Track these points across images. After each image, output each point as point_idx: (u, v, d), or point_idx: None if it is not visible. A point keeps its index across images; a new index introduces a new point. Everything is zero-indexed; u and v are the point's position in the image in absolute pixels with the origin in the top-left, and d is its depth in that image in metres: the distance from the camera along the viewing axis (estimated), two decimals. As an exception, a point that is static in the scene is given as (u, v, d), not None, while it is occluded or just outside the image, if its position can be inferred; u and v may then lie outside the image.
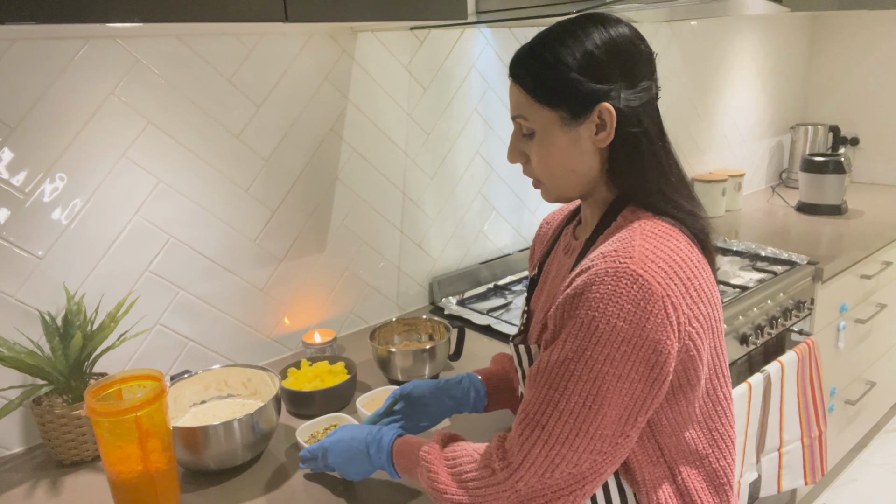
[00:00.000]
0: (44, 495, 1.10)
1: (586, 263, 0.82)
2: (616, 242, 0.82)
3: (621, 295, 0.76)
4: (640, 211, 0.88)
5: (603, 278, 0.78)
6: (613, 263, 0.78)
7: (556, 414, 0.79)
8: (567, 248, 1.00)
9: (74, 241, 1.24)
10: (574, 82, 0.84)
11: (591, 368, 0.77)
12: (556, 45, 0.85)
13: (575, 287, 0.80)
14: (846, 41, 2.94)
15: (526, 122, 0.88)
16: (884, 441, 2.60)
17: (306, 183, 1.53)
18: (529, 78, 0.86)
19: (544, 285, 1.03)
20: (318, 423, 1.20)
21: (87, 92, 1.21)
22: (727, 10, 1.79)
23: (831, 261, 1.97)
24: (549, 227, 1.14)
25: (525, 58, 0.87)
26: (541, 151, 0.88)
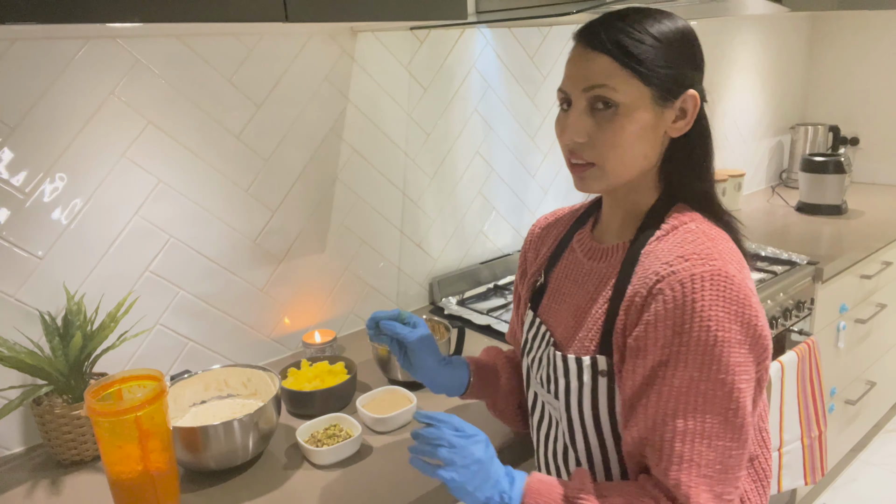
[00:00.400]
0: (44, 495, 1.10)
1: (661, 269, 0.78)
2: (688, 244, 0.80)
3: (726, 297, 0.75)
4: (690, 211, 0.87)
5: (701, 284, 0.75)
6: (702, 266, 0.76)
7: (704, 442, 0.75)
8: (592, 253, 0.94)
9: (74, 241, 1.24)
10: (672, 61, 0.81)
11: (722, 382, 0.75)
12: (652, 21, 0.81)
13: (668, 297, 0.76)
14: (846, 41, 2.94)
15: (612, 93, 0.80)
16: (884, 441, 2.60)
17: (306, 183, 1.53)
18: (624, 47, 0.80)
19: (557, 293, 0.97)
20: (318, 423, 1.20)
21: (87, 92, 1.21)
22: (727, 10, 1.79)
23: (831, 261, 1.97)
24: (545, 232, 1.08)
25: (618, 27, 0.81)
26: (619, 127, 0.81)
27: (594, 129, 0.82)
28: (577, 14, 1.36)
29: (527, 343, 1.00)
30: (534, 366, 0.97)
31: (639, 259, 0.84)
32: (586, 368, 0.86)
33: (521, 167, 1.99)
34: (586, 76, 0.82)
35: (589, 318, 0.88)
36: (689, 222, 0.85)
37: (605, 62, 0.80)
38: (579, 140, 0.83)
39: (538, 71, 1.96)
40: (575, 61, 0.84)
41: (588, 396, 0.86)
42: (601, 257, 0.92)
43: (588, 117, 0.83)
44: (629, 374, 0.80)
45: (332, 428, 1.19)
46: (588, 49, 0.82)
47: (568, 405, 0.88)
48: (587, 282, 0.92)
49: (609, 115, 0.81)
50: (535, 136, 2.01)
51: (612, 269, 0.89)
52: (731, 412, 0.75)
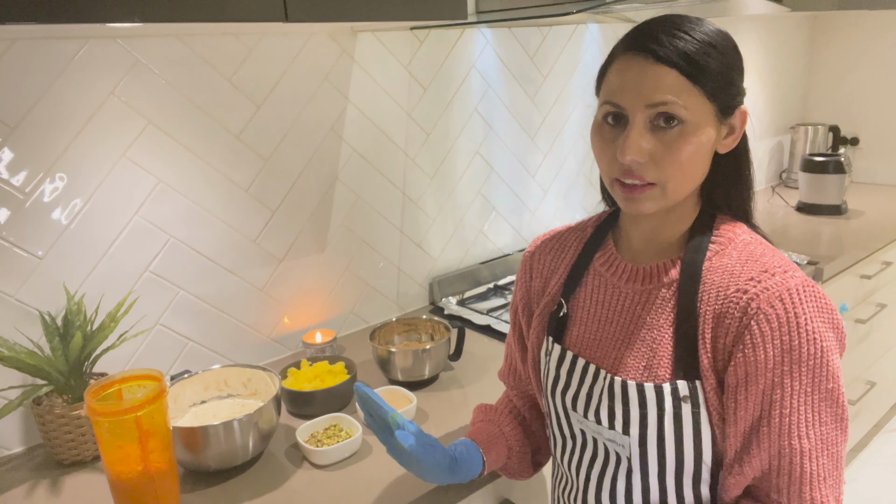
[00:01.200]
0: (44, 495, 1.10)
1: (747, 285, 0.77)
2: (761, 258, 0.80)
3: (819, 307, 0.76)
4: (734, 222, 0.86)
5: (799, 297, 0.75)
6: (792, 279, 0.76)
7: (825, 453, 0.76)
8: (629, 274, 0.88)
9: (74, 241, 1.24)
10: (732, 74, 0.79)
11: (832, 392, 0.75)
12: (705, 29, 0.77)
13: (770, 315, 0.75)
14: (846, 41, 2.94)
15: (682, 111, 0.75)
16: (884, 441, 2.60)
17: (306, 183, 1.53)
18: (694, 60, 0.75)
19: (589, 322, 0.91)
20: (318, 423, 1.20)
21: (87, 92, 1.21)
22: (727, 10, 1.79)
23: (831, 261, 1.97)
24: (548, 256, 1.00)
25: (680, 36, 0.76)
26: (686, 144, 0.76)
27: (657, 147, 0.77)
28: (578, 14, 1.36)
29: (558, 380, 0.92)
30: (578, 403, 0.89)
31: (701, 276, 0.81)
32: (667, 395, 0.80)
33: (521, 167, 1.99)
34: (651, 91, 0.75)
35: (650, 344, 0.83)
36: (741, 234, 0.84)
37: (674, 77, 0.75)
38: (641, 160, 0.77)
39: (538, 71, 1.96)
40: (634, 73, 0.77)
41: (671, 425, 0.80)
42: (643, 279, 0.86)
43: (649, 134, 0.77)
44: (742, 402, 0.77)
45: (332, 428, 1.19)
46: (651, 61, 0.75)
47: (644, 437, 0.82)
48: (630, 306, 0.87)
49: (675, 134, 0.76)
50: (535, 136, 2.01)
51: (663, 289, 0.84)
52: (840, 416, 0.76)
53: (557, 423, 0.94)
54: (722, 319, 0.78)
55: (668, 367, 0.81)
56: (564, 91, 2.05)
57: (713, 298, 0.79)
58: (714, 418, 0.79)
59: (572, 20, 1.96)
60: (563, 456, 0.95)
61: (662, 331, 0.83)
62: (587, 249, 0.95)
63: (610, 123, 0.80)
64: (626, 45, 0.79)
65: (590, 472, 0.91)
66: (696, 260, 0.82)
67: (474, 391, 1.36)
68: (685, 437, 0.80)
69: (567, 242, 0.99)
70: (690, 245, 0.84)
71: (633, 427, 0.82)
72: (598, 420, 0.86)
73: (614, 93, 0.78)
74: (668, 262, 0.85)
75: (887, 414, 2.72)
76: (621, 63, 0.79)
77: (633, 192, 0.79)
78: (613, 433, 0.85)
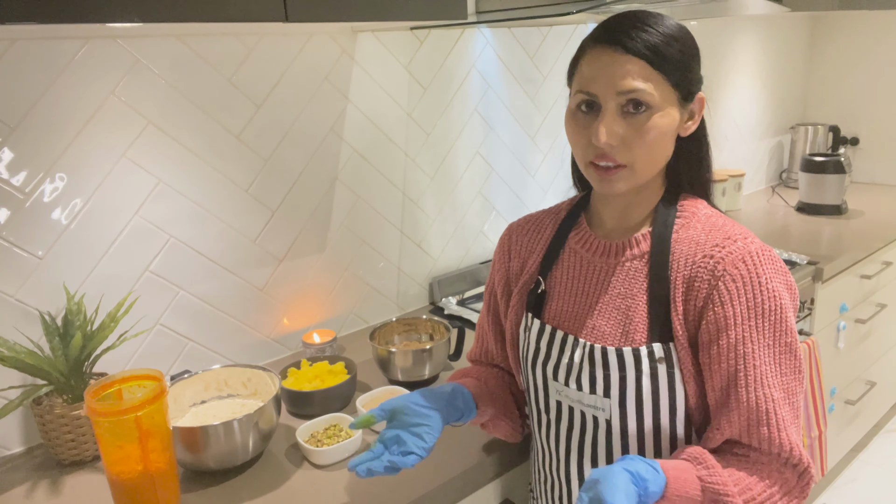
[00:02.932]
0: (44, 495, 1.10)
1: (712, 251, 0.85)
2: (723, 227, 0.88)
3: (776, 269, 0.85)
4: (695, 199, 0.94)
5: (760, 259, 0.84)
6: (752, 244, 0.85)
7: (789, 401, 0.83)
8: (603, 250, 0.94)
9: (74, 241, 1.24)
10: (692, 64, 0.87)
11: (790, 345, 0.83)
12: (667, 23, 0.85)
13: (735, 276, 0.83)
14: (846, 41, 2.94)
15: (649, 97, 0.82)
16: (884, 441, 2.60)
17: (306, 183, 1.53)
18: (658, 51, 0.82)
19: (566, 296, 0.97)
20: (318, 423, 1.20)
21: (87, 92, 1.21)
22: (727, 10, 1.79)
23: (831, 261, 1.97)
24: (525, 238, 1.05)
25: (646, 29, 0.83)
26: (653, 128, 0.84)
27: (627, 131, 0.84)
28: (578, 14, 1.36)
29: (538, 352, 0.97)
30: (560, 372, 0.94)
31: (670, 246, 0.89)
32: (644, 358, 0.87)
33: (521, 167, 1.99)
34: (621, 81, 0.82)
35: (625, 311, 0.90)
36: (703, 209, 0.93)
37: (640, 65, 0.82)
38: (615, 143, 0.84)
39: (538, 71, 1.96)
40: (605, 64, 0.83)
41: (648, 384, 0.87)
42: (616, 252, 0.93)
43: (620, 119, 0.84)
44: (714, 356, 0.84)
45: (332, 428, 1.19)
46: (620, 52, 0.82)
47: (623, 399, 0.88)
48: (605, 278, 0.94)
49: (643, 118, 0.83)
50: (535, 136, 2.01)
51: (635, 260, 0.92)
52: (798, 368, 0.84)
53: (535, 396, 1.00)
54: (692, 283, 0.86)
55: (643, 332, 0.88)
56: (564, 91, 2.04)
57: (682, 265, 0.88)
58: (686, 377, 0.87)
59: (572, 20, 1.96)
60: (541, 429, 1.00)
61: (637, 299, 0.90)
62: (562, 230, 1.01)
63: (583, 111, 0.87)
64: (597, 39, 0.85)
65: (569, 441, 0.96)
66: (665, 233, 0.90)
67: (474, 391, 1.35)
68: (661, 396, 0.88)
69: (543, 224, 1.05)
70: (658, 220, 0.92)
71: (613, 389, 0.89)
72: (578, 386, 0.92)
73: (588, 82, 0.85)
74: (638, 237, 0.93)
75: (887, 414, 2.72)
76: (593, 55, 0.85)
77: (608, 173, 0.86)
78: (594, 398, 0.91)
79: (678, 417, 0.88)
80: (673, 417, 0.88)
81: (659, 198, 0.94)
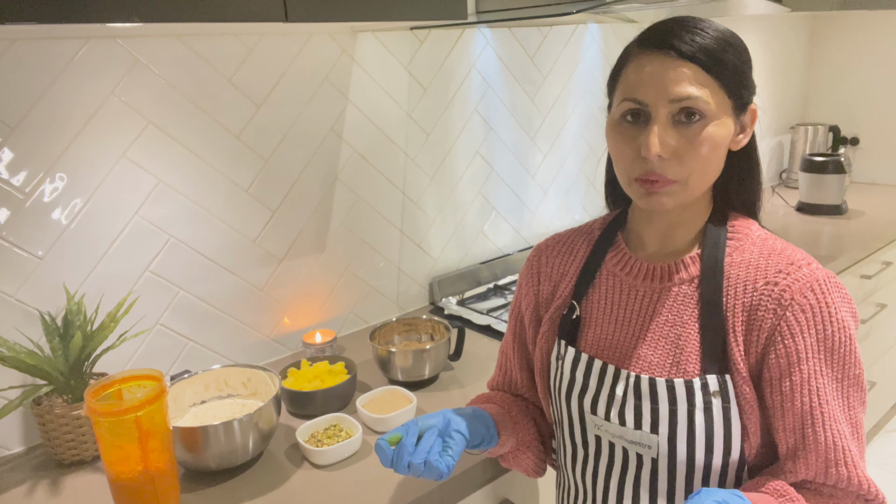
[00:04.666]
0: (44, 495, 1.10)
1: (775, 278, 0.79)
2: (784, 252, 0.82)
3: (843, 297, 0.79)
4: (745, 218, 0.88)
5: (827, 288, 0.78)
6: (817, 271, 0.79)
7: (857, 434, 0.79)
8: (645, 273, 0.88)
9: (74, 241, 1.24)
10: (746, 70, 0.80)
11: (858, 377, 0.79)
12: (723, 30, 0.78)
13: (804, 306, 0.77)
14: (846, 41, 2.94)
15: (704, 106, 0.76)
16: (884, 441, 2.60)
17: (306, 183, 1.53)
18: (714, 55, 0.76)
19: (605, 323, 0.90)
20: (318, 423, 1.20)
21: (87, 92, 1.21)
22: (727, 10, 1.79)
23: (831, 261, 1.97)
24: (555, 260, 0.98)
25: (698, 32, 0.76)
26: (708, 139, 0.77)
27: (680, 142, 0.77)
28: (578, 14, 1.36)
29: (573, 383, 0.90)
30: (599, 406, 0.87)
31: (723, 271, 0.82)
32: (698, 390, 0.80)
33: (521, 167, 1.99)
34: (675, 87, 0.75)
35: (674, 340, 0.83)
36: (756, 230, 0.86)
37: (695, 71, 0.75)
38: (666, 156, 0.77)
39: (538, 71, 1.96)
40: (655, 69, 0.76)
41: (701, 420, 0.80)
42: (661, 276, 0.86)
43: (672, 130, 0.77)
44: (787, 393, 0.78)
45: (332, 428, 1.19)
46: (673, 56, 0.76)
47: (673, 435, 0.81)
48: (649, 304, 0.87)
49: (697, 129, 0.76)
50: (535, 136, 2.01)
51: (683, 285, 0.85)
52: (863, 400, 0.80)
53: (570, 430, 0.92)
54: (754, 311, 0.79)
55: (696, 363, 0.81)
56: (564, 91, 2.05)
57: (741, 292, 0.80)
58: (747, 411, 0.79)
59: (572, 20, 1.96)
60: (575, 465, 0.94)
61: (687, 327, 0.83)
62: (597, 251, 0.93)
63: (629, 121, 0.80)
64: (644, 44, 0.79)
65: (608, 480, 0.89)
66: (717, 256, 0.83)
67: (474, 391, 1.35)
68: (716, 433, 0.80)
69: (575, 245, 0.97)
70: (708, 241, 0.84)
71: (661, 425, 0.81)
72: (622, 421, 0.85)
73: (635, 89, 0.78)
74: (686, 259, 0.85)
75: (887, 414, 2.71)
76: (640, 60, 0.78)
77: (655, 187, 0.79)
78: (640, 433, 0.83)
79: (732, 455, 0.81)
80: (727, 457, 0.81)
81: (706, 217, 0.86)
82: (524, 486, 1.22)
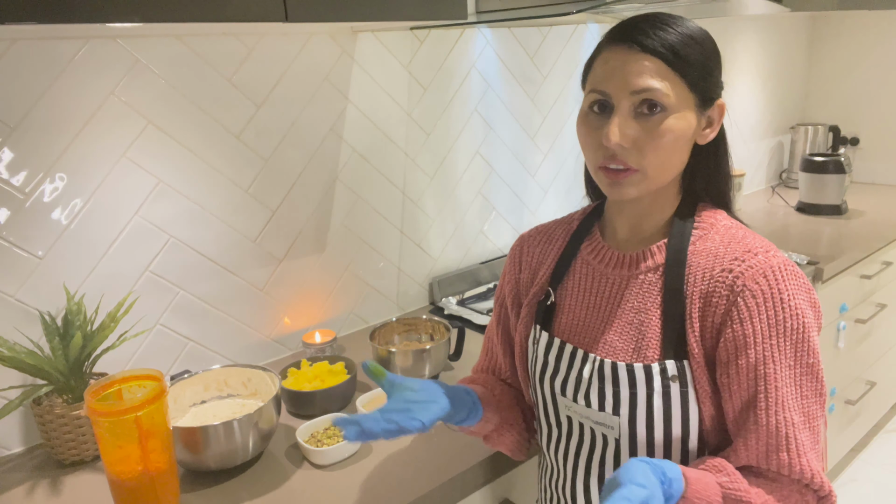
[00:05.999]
0: (44, 495, 1.10)
1: (732, 265, 0.80)
2: (743, 240, 0.83)
3: (799, 285, 0.80)
4: (714, 209, 0.90)
5: (782, 275, 0.79)
6: (774, 258, 0.80)
7: (810, 425, 0.79)
8: (616, 261, 0.90)
9: (74, 241, 1.24)
10: (712, 67, 0.82)
11: (812, 366, 0.79)
12: (687, 24, 0.81)
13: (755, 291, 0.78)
14: (846, 41, 2.94)
15: (664, 98, 0.78)
16: (884, 441, 2.60)
17: (306, 183, 1.53)
18: (675, 50, 0.79)
19: (577, 308, 0.93)
20: (318, 423, 1.20)
21: (87, 92, 1.21)
22: (727, 10, 1.79)
23: (831, 261, 1.97)
24: (536, 249, 1.02)
25: (664, 28, 0.79)
26: (668, 131, 0.80)
27: (640, 133, 0.80)
28: (578, 14, 1.36)
29: (546, 366, 0.94)
30: (567, 387, 0.91)
31: (686, 259, 0.85)
32: (656, 375, 0.83)
33: (521, 167, 1.99)
34: (636, 79, 0.79)
35: (637, 326, 0.86)
36: (722, 219, 0.88)
37: (657, 65, 0.79)
38: (626, 145, 0.80)
39: (538, 71, 1.96)
40: (619, 62, 0.80)
41: (660, 403, 0.83)
42: (629, 264, 0.89)
43: (633, 121, 0.80)
44: (734, 376, 0.80)
45: (332, 428, 1.19)
46: (636, 50, 0.79)
47: (633, 417, 0.84)
48: (617, 291, 0.90)
49: (657, 120, 0.79)
50: (535, 136, 2.01)
51: (649, 273, 0.87)
52: (819, 392, 0.80)
53: (544, 411, 0.96)
54: (710, 299, 0.81)
55: (656, 348, 0.84)
56: (564, 91, 2.05)
57: (699, 280, 0.83)
58: (701, 396, 0.82)
59: (572, 20, 1.96)
60: (550, 445, 0.97)
61: (650, 313, 0.86)
62: (574, 240, 0.97)
63: (595, 112, 0.83)
64: (612, 38, 0.82)
65: (577, 458, 0.93)
66: (681, 245, 0.86)
67: (474, 391, 1.35)
68: (674, 416, 0.83)
69: (555, 234, 1.01)
70: (674, 231, 0.87)
71: (622, 407, 0.85)
72: (587, 403, 0.88)
73: (600, 81, 0.82)
74: (653, 248, 0.88)
75: (887, 414, 2.72)
76: (607, 53, 0.82)
77: (618, 176, 0.82)
78: (603, 415, 0.87)
79: (691, 438, 0.84)
80: (686, 438, 0.84)
81: (675, 207, 0.90)
82: (524, 486, 1.22)
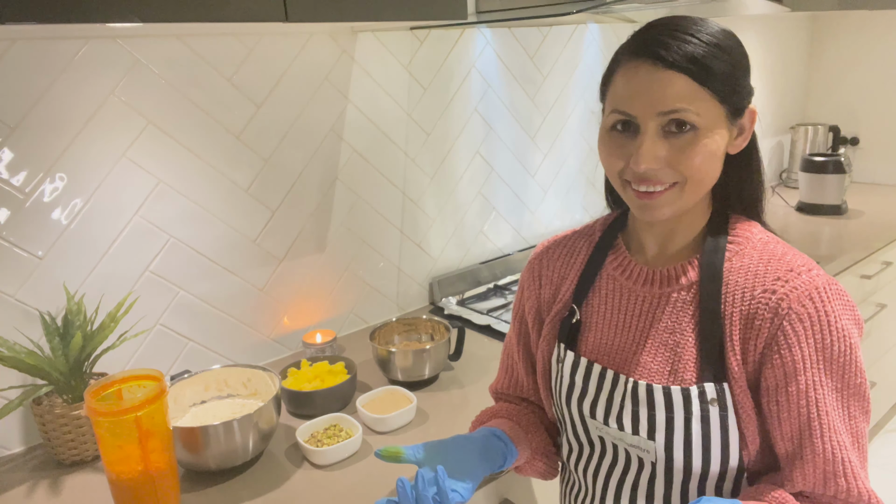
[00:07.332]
0: (44, 495, 1.10)
1: (774, 285, 0.77)
2: (784, 257, 0.79)
3: (844, 304, 0.77)
4: (747, 221, 0.85)
5: (827, 296, 0.76)
6: (818, 278, 0.77)
7: (858, 444, 0.77)
8: (645, 277, 0.87)
9: (74, 241, 1.24)
10: (741, 75, 0.77)
11: (860, 386, 0.76)
12: (709, 29, 0.75)
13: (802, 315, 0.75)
14: (846, 41, 2.94)
15: (694, 117, 0.74)
16: (884, 441, 2.60)
17: (306, 183, 1.53)
18: (703, 64, 0.73)
19: (605, 327, 0.89)
20: (318, 423, 1.20)
21: (87, 92, 1.21)
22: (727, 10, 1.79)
23: (831, 261, 1.97)
24: (555, 263, 0.97)
25: (687, 39, 0.74)
26: (700, 149, 0.75)
27: (670, 152, 0.75)
28: (578, 14, 1.36)
29: (573, 387, 0.90)
30: (598, 410, 0.87)
31: (722, 277, 0.80)
32: (695, 398, 0.78)
33: (521, 167, 1.99)
34: (662, 99, 0.74)
35: (672, 347, 0.82)
36: (757, 233, 0.84)
37: (684, 82, 0.73)
38: (657, 167, 0.76)
39: (538, 71, 1.96)
40: (643, 81, 0.75)
41: (698, 428, 0.79)
42: (660, 281, 0.85)
43: (661, 141, 0.75)
44: (784, 403, 0.76)
45: (332, 428, 1.19)
46: (660, 67, 0.73)
47: (670, 443, 0.80)
48: (648, 309, 0.86)
49: (688, 139, 0.75)
50: (535, 136, 2.01)
51: (682, 291, 0.83)
52: (866, 410, 0.78)
53: (573, 430, 0.92)
54: (751, 321, 0.77)
55: (693, 370, 0.80)
56: (564, 91, 2.05)
57: (738, 300, 0.79)
58: (744, 420, 0.78)
59: (572, 20, 1.96)
60: (578, 463, 0.94)
61: (685, 334, 0.82)
62: (597, 253, 0.92)
63: (619, 130, 0.79)
64: (632, 51, 0.77)
65: (608, 478, 0.89)
66: (716, 261, 0.81)
67: (474, 391, 1.35)
68: (713, 441, 0.79)
69: (576, 247, 0.96)
70: (707, 246, 0.83)
71: (658, 433, 0.81)
72: (620, 426, 0.84)
73: (623, 101, 0.77)
74: (685, 265, 0.84)
75: (887, 414, 2.71)
76: (628, 70, 0.77)
77: (651, 198, 0.78)
78: (637, 439, 0.83)
79: (730, 464, 0.80)
80: (725, 464, 0.80)
81: (706, 220, 0.85)
82: (524, 486, 1.22)
